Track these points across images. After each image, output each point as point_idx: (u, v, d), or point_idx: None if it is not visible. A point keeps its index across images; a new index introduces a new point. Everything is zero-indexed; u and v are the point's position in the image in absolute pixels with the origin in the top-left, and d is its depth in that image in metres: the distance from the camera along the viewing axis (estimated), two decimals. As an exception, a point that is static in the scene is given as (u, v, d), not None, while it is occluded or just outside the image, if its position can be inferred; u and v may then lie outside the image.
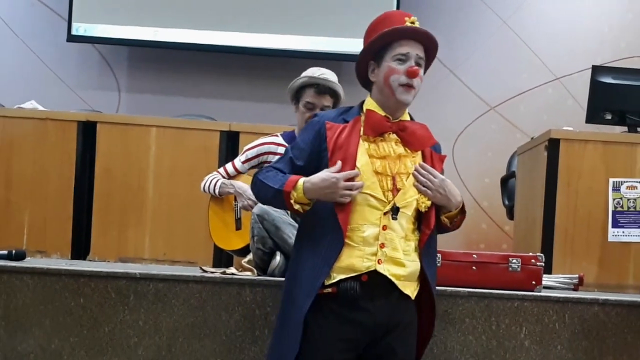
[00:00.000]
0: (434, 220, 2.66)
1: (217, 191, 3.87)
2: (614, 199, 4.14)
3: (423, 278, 2.67)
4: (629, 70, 5.13)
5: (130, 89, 7.03)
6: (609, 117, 4.56)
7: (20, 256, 3.44)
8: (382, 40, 2.67)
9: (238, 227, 3.91)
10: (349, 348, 2.58)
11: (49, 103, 5.42)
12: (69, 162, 4.85)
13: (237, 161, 3.90)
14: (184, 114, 6.01)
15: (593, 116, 4.60)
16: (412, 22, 2.67)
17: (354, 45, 6.69)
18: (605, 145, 4.30)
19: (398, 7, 6.60)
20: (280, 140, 3.80)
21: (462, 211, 2.73)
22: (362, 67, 2.77)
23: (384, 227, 2.58)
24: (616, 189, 4.15)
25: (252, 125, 5.12)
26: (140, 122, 5.03)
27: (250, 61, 6.84)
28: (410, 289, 2.64)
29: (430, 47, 2.73)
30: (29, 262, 3.41)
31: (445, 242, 3.03)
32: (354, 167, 2.58)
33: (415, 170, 2.63)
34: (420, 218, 2.67)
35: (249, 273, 3.38)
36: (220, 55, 6.85)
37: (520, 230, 5.00)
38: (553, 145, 4.31)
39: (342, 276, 2.55)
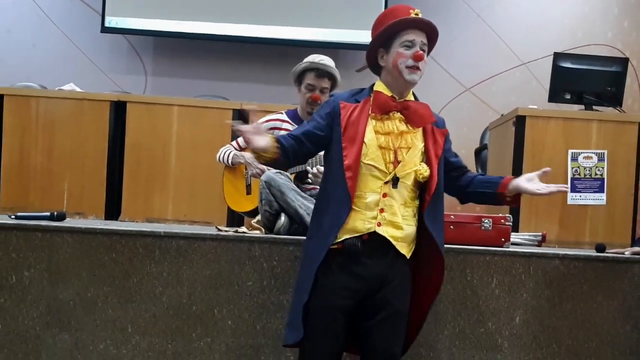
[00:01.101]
0: (434, 188, 2.64)
1: (230, 161, 3.87)
2: (572, 168, 4.13)
3: (428, 237, 2.65)
4: (586, 56, 5.13)
5: (155, 73, 7.04)
6: (568, 97, 4.55)
7: (61, 217, 3.41)
8: (391, 29, 2.66)
9: (248, 192, 3.90)
10: (348, 296, 2.58)
11: (85, 85, 5.39)
12: (102, 137, 4.83)
13: None
14: (202, 95, 6.02)
15: (554, 96, 4.59)
16: (417, 14, 2.67)
17: (349, 35, 6.78)
18: (565, 121, 4.29)
19: (386, 4, 6.59)
20: (284, 117, 3.79)
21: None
22: (372, 54, 2.75)
23: (384, 195, 2.59)
24: (574, 159, 4.14)
25: (260, 104, 5.07)
26: (164, 101, 5.01)
27: (259, 49, 6.84)
28: (406, 250, 2.64)
29: (432, 35, 2.73)
30: (69, 223, 3.39)
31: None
32: (362, 141, 2.60)
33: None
34: (421, 187, 2.66)
35: (257, 232, 3.37)
36: (233, 44, 6.84)
37: (491, 194, 4.97)
38: (520, 121, 4.30)
39: (347, 236, 2.58)
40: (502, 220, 3.31)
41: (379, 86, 2.73)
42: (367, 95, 2.73)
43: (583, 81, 4.53)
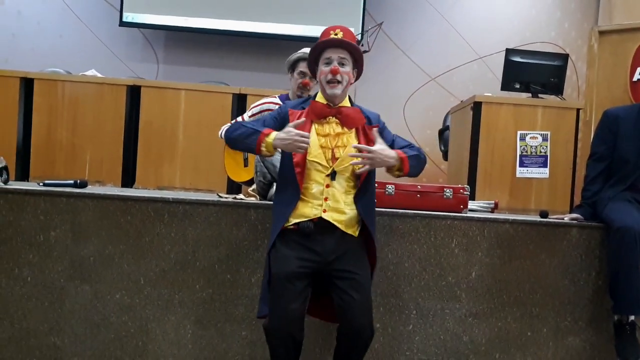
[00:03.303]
0: (363, 178, 2.63)
1: None
2: (520, 146, 4.12)
3: (362, 219, 2.65)
4: (533, 52, 5.14)
5: (166, 61, 6.96)
6: (517, 86, 4.56)
7: (83, 185, 3.35)
8: (315, 51, 2.70)
9: (245, 164, 3.87)
10: (305, 265, 2.55)
11: (105, 72, 5.34)
12: (119, 116, 4.80)
13: (246, 115, 3.86)
14: (206, 81, 6.00)
15: (506, 86, 4.60)
16: (336, 34, 2.65)
17: None
18: (515, 107, 4.30)
19: (364, 6, 6.52)
20: (277, 100, 3.76)
21: (405, 164, 2.67)
22: (312, 71, 2.80)
23: (327, 186, 2.60)
24: (522, 138, 4.13)
25: (256, 89, 5.07)
26: (173, 86, 4.98)
27: (256, 42, 6.79)
28: (352, 230, 2.64)
29: (352, 50, 2.68)
30: (90, 189, 3.33)
31: (398, 177, 2.96)
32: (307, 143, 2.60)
33: (354, 150, 2.62)
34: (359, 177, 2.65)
35: (253, 198, 3.32)
36: (234, 37, 6.79)
37: (452, 168, 4.98)
38: (477, 107, 4.30)
39: (297, 220, 2.59)
40: (461, 190, 3.28)
41: (319, 96, 2.73)
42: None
43: (530, 73, 4.53)
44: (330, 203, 2.59)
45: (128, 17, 6.69)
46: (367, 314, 2.57)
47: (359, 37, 5.98)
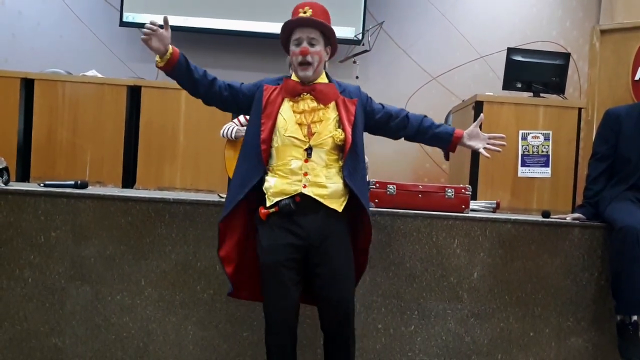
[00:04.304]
0: (348, 147, 2.58)
1: (233, 135, 3.85)
2: (522, 146, 4.11)
3: (352, 193, 2.60)
4: (534, 51, 5.10)
5: (166, 62, 6.90)
6: (519, 85, 4.53)
7: (84, 185, 3.35)
8: (284, 32, 2.67)
9: (246, 164, 3.85)
10: (290, 251, 2.54)
11: (105, 72, 5.30)
12: (120, 116, 4.76)
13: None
14: (207, 81, 5.93)
15: (507, 85, 4.57)
16: (305, 12, 2.61)
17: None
18: (516, 106, 4.27)
19: (366, 5, 6.51)
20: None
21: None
22: (287, 51, 2.74)
23: (306, 160, 2.56)
24: (524, 138, 4.12)
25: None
26: (173, 86, 4.79)
27: (254, 42, 6.74)
28: (337, 204, 2.59)
29: (323, 29, 2.64)
30: (90, 190, 3.33)
31: (399, 177, 2.97)
32: (276, 117, 2.60)
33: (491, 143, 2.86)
34: (342, 149, 2.61)
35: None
36: (232, 37, 6.75)
37: (454, 168, 4.96)
38: (478, 106, 4.27)
39: (278, 199, 2.54)
40: (463, 190, 3.28)
41: (293, 74, 2.69)
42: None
43: (532, 72, 4.51)
44: (310, 177, 2.55)
45: (128, 17, 6.65)
46: (345, 290, 2.57)
47: (358, 36, 5.99)
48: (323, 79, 2.69)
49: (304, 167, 2.56)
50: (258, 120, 2.62)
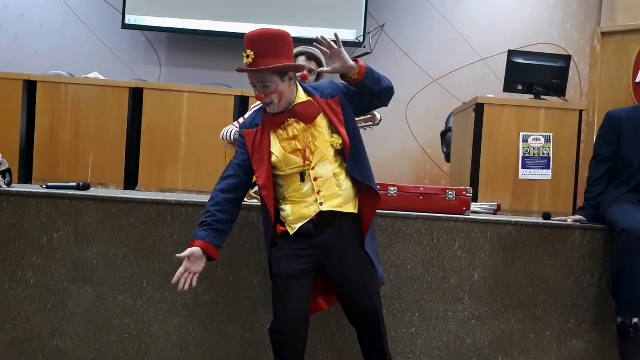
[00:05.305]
0: (349, 146, 2.52)
1: (233, 138, 3.82)
2: (523, 148, 4.10)
3: (360, 183, 2.57)
4: (535, 53, 5.11)
5: (168, 64, 6.94)
6: (520, 88, 4.53)
7: (86, 187, 3.35)
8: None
9: (248, 166, 3.85)
10: (304, 262, 2.53)
11: (108, 74, 5.32)
12: (122, 118, 4.77)
13: (246, 116, 3.84)
14: (209, 83, 5.97)
15: (508, 87, 4.56)
16: (248, 56, 2.46)
17: (332, 33, 6.70)
18: (517, 108, 4.26)
19: (367, 8, 6.51)
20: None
21: (362, 70, 2.54)
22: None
23: (315, 179, 2.53)
24: (525, 140, 4.11)
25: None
26: (175, 88, 4.95)
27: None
28: (352, 207, 2.58)
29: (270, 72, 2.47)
30: (92, 192, 3.33)
31: (400, 179, 2.97)
32: (269, 160, 2.53)
33: (317, 42, 2.54)
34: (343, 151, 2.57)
35: (255, 200, 3.31)
36: (235, 39, 6.69)
37: (455, 170, 4.96)
38: (479, 108, 4.27)
39: (299, 224, 2.54)
40: (464, 192, 3.27)
41: None
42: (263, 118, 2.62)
43: (533, 74, 4.50)
44: (323, 193, 2.53)
45: (131, 19, 6.67)
46: (367, 295, 2.57)
47: (359, 39, 5.98)
48: (300, 97, 2.58)
49: (316, 186, 2.53)
50: (252, 169, 2.59)
